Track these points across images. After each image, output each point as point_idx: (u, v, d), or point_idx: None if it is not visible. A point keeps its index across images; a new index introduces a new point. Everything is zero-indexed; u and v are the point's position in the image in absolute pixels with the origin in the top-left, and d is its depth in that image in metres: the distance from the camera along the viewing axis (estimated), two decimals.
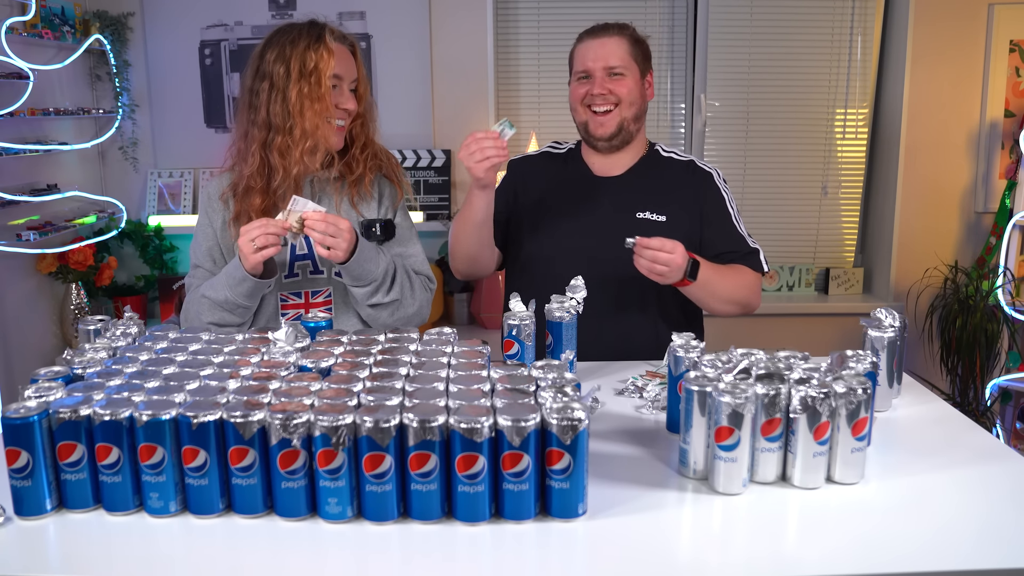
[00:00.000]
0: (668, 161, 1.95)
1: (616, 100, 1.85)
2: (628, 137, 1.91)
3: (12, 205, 2.74)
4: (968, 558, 1.02)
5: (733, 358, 1.28)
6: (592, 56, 1.86)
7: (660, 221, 1.87)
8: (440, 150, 3.33)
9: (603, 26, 1.89)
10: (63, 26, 2.94)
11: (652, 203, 1.88)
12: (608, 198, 1.91)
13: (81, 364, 1.30)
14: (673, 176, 1.92)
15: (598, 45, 1.86)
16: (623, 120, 1.87)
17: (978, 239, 3.42)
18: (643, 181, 1.92)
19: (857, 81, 3.43)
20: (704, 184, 1.92)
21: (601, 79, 1.85)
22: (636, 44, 1.88)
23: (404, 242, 1.81)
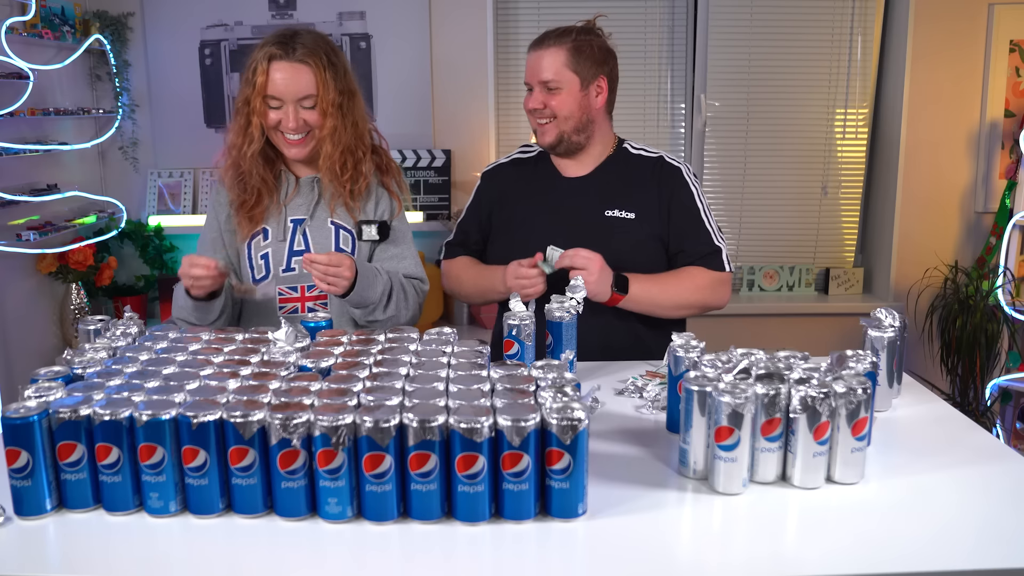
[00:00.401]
0: (637, 158, 1.95)
1: (552, 114, 1.86)
2: (572, 147, 1.91)
3: (12, 205, 2.74)
4: (968, 558, 1.02)
5: (733, 358, 1.28)
6: (530, 69, 1.88)
7: (629, 218, 1.88)
8: (440, 150, 3.33)
9: (543, 36, 1.89)
10: (63, 26, 2.94)
11: (620, 201, 1.89)
12: (577, 198, 1.92)
13: (81, 364, 1.30)
14: (641, 173, 1.92)
15: (536, 58, 1.87)
16: (561, 132, 1.87)
17: (978, 239, 3.42)
18: (610, 179, 1.92)
19: (857, 81, 3.43)
20: (672, 180, 1.91)
21: (537, 93, 1.87)
22: (577, 53, 1.85)
23: (399, 244, 1.86)
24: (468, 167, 3.37)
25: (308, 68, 1.71)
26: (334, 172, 1.78)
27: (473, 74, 3.31)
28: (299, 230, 1.81)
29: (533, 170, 2.00)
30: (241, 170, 1.78)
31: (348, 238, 1.82)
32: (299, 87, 1.71)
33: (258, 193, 1.79)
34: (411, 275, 1.84)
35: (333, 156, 1.76)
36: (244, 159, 1.76)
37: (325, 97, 1.72)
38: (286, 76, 1.70)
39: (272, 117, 1.73)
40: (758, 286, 3.58)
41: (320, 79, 1.72)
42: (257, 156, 1.77)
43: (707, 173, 3.52)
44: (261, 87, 1.70)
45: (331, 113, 1.73)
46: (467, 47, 3.31)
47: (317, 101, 1.72)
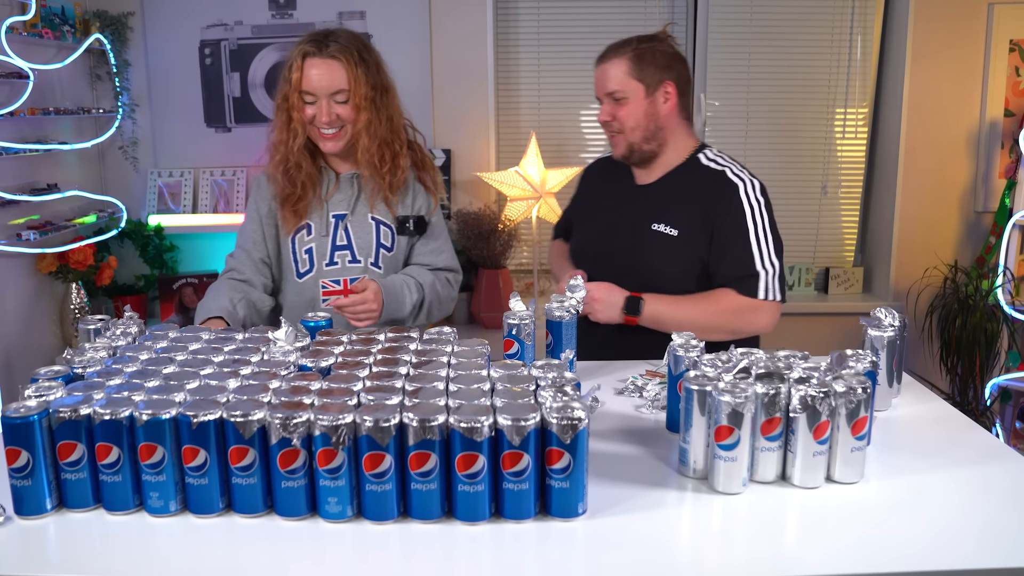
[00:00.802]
0: (703, 171, 1.86)
1: (620, 127, 1.86)
2: (645, 156, 1.89)
3: (12, 205, 2.74)
4: (968, 558, 1.02)
5: (733, 358, 1.28)
6: (596, 83, 1.89)
7: (671, 235, 1.83)
8: (440, 150, 3.33)
9: (606, 49, 1.88)
10: (63, 26, 2.94)
11: (668, 216, 1.84)
12: (634, 207, 1.92)
13: (81, 364, 1.30)
14: (699, 188, 1.84)
15: (600, 71, 1.87)
16: (630, 143, 1.87)
17: (978, 239, 3.42)
18: (669, 192, 1.87)
19: (857, 81, 3.43)
20: (725, 197, 1.81)
21: (605, 105, 1.88)
22: (639, 60, 1.82)
23: (437, 238, 1.97)
24: (468, 167, 3.37)
25: (340, 64, 1.78)
26: (373, 165, 1.85)
27: (473, 74, 3.31)
28: (341, 225, 1.89)
29: (619, 171, 1.99)
30: (289, 164, 1.84)
31: (388, 233, 1.90)
32: (331, 82, 1.78)
33: (303, 187, 1.85)
34: (447, 268, 1.97)
35: (371, 149, 1.84)
36: (292, 153, 1.83)
37: (357, 92, 1.79)
38: (319, 72, 1.78)
39: (308, 112, 1.81)
40: None
41: (352, 74, 1.78)
42: (303, 149, 1.85)
43: None
44: (296, 83, 1.79)
45: (364, 107, 1.80)
46: (467, 47, 3.31)
47: (349, 96, 1.79)
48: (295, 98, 1.80)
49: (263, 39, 3.30)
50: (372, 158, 1.84)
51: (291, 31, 3.28)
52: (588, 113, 3.50)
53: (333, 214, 1.89)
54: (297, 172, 1.85)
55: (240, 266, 1.89)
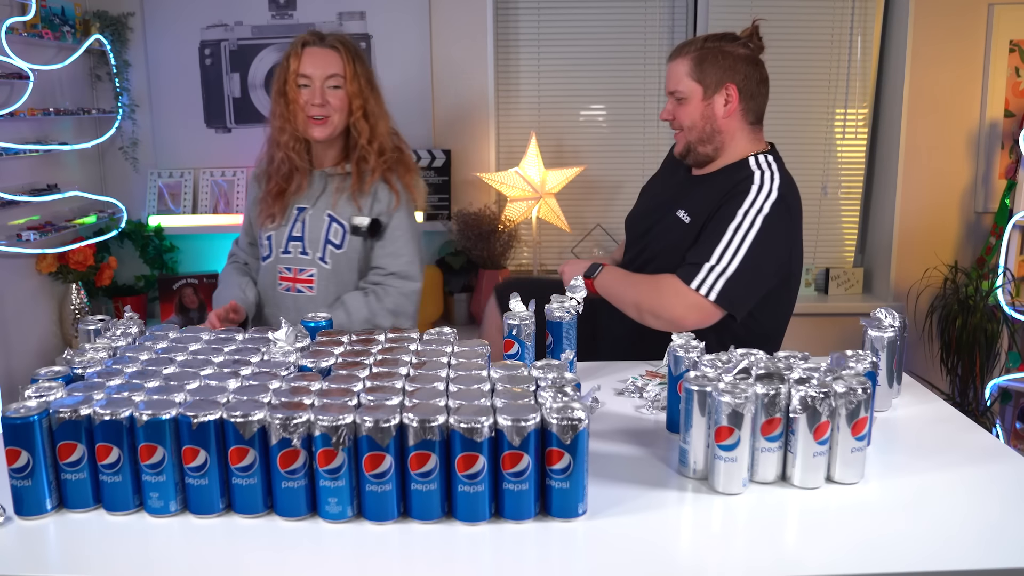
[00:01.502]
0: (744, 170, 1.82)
1: (679, 125, 1.87)
2: (700, 159, 1.87)
3: (12, 205, 2.74)
4: (968, 558, 1.02)
5: (733, 358, 1.28)
6: (667, 79, 1.90)
7: (685, 222, 1.84)
8: (440, 150, 3.33)
9: (678, 45, 1.88)
10: (63, 26, 2.94)
11: (691, 203, 1.85)
12: (678, 193, 1.94)
13: (81, 364, 1.30)
14: (721, 183, 1.82)
15: (668, 69, 1.89)
16: (688, 143, 1.87)
17: (978, 239, 3.42)
18: (706, 185, 1.87)
19: (857, 81, 3.43)
20: (732, 193, 1.78)
21: (669, 103, 1.89)
22: (700, 61, 1.80)
23: (395, 242, 1.99)
24: (468, 167, 3.37)
25: (336, 53, 1.93)
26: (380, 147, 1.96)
27: (473, 74, 3.31)
28: (300, 217, 1.99)
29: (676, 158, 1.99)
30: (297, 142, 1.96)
31: (339, 230, 1.97)
32: (327, 66, 1.91)
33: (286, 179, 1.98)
34: (398, 273, 1.97)
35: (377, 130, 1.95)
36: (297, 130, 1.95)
37: (352, 80, 1.92)
38: (315, 57, 1.92)
39: (303, 97, 1.92)
40: None
41: (347, 64, 1.92)
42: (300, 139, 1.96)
43: None
44: (294, 70, 1.91)
45: (358, 95, 1.93)
46: (467, 47, 3.31)
47: (343, 83, 1.92)
48: (292, 83, 1.91)
49: (263, 39, 3.30)
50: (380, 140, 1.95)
51: (291, 31, 3.28)
52: (588, 113, 3.50)
53: (297, 206, 2.00)
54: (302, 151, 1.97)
55: (238, 251, 2.17)
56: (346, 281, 1.99)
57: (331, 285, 1.98)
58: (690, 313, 1.71)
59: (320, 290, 1.98)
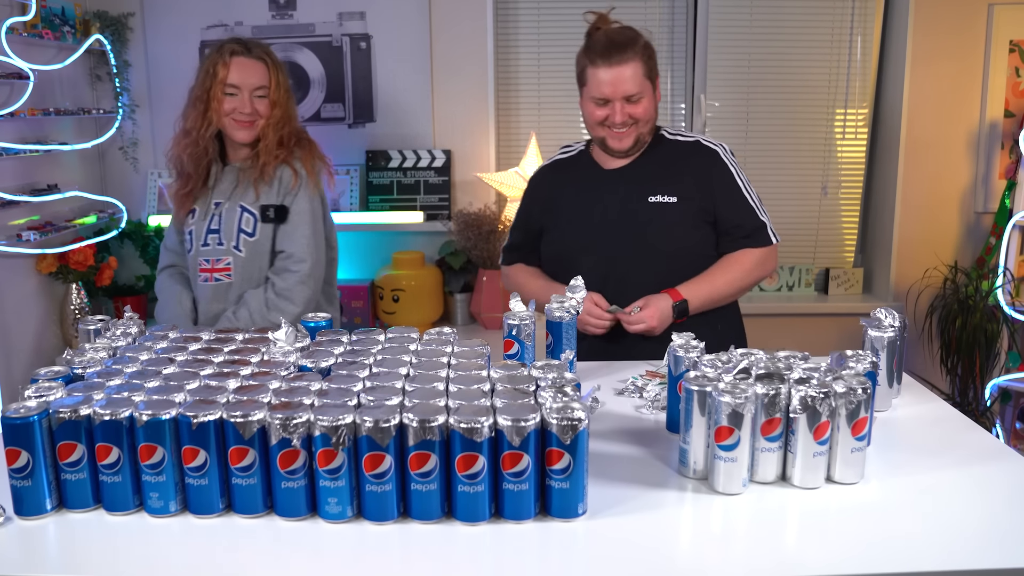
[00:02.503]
0: (673, 143, 1.98)
1: (634, 122, 1.90)
2: (642, 146, 1.96)
3: (12, 205, 2.74)
4: (968, 558, 1.02)
5: (733, 358, 1.28)
6: (609, 84, 1.86)
7: (671, 202, 1.90)
8: (440, 150, 3.33)
9: (617, 47, 1.86)
10: (63, 26, 2.94)
11: (661, 186, 1.92)
12: (620, 188, 1.95)
13: (81, 364, 1.30)
14: (680, 156, 1.96)
15: (616, 73, 1.85)
16: (639, 135, 1.92)
17: (978, 239, 3.42)
18: (651, 166, 1.95)
19: (857, 81, 3.43)
20: (711, 161, 1.94)
21: (621, 107, 1.88)
22: (648, 59, 1.90)
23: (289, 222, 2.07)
24: (468, 167, 3.37)
25: (263, 65, 2.05)
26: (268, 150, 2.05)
27: (473, 74, 3.31)
28: (217, 210, 2.09)
29: (575, 167, 2.05)
30: (198, 149, 2.06)
31: (251, 219, 2.06)
32: (256, 78, 2.03)
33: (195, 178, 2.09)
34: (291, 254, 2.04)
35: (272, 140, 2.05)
36: (203, 139, 2.05)
37: (276, 91, 2.05)
38: (245, 69, 2.03)
39: (228, 105, 2.02)
40: (758, 286, 3.58)
41: (272, 75, 2.05)
42: (212, 139, 2.06)
43: None
44: (223, 78, 2.01)
45: (279, 104, 2.05)
46: (467, 47, 3.31)
47: (268, 93, 2.04)
48: (217, 90, 2.01)
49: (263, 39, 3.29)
50: (270, 146, 2.04)
51: (291, 31, 3.28)
52: None
53: (215, 201, 2.10)
54: (203, 156, 2.07)
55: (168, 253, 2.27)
56: (261, 266, 2.08)
57: (246, 271, 2.07)
58: (773, 262, 2.00)
59: (236, 276, 2.07)
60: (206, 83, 2.03)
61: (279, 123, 2.06)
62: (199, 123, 2.05)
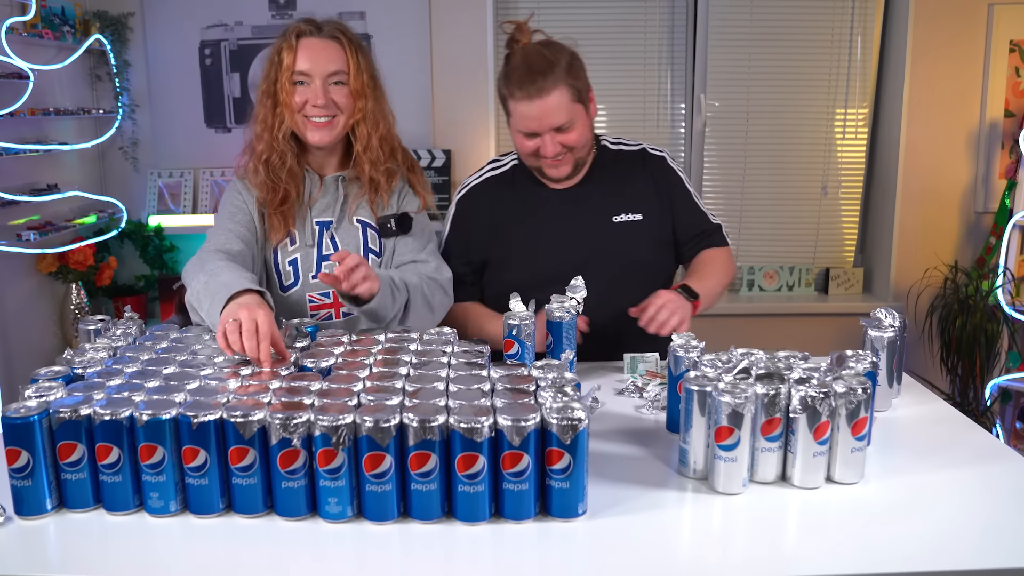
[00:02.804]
0: (619, 154, 1.88)
1: (570, 149, 1.74)
2: (582, 167, 1.82)
3: (12, 205, 2.74)
4: (968, 558, 1.02)
5: (733, 358, 1.28)
6: (535, 119, 1.69)
7: (637, 220, 1.83)
8: (440, 150, 3.33)
9: (536, 75, 1.67)
10: (63, 26, 2.94)
11: (624, 203, 1.83)
12: (578, 209, 1.83)
13: (81, 364, 1.30)
14: (632, 170, 1.86)
15: (539, 106, 1.67)
16: (577, 160, 1.78)
17: (978, 239, 3.42)
18: (605, 183, 1.84)
19: (857, 81, 3.43)
20: (661, 170, 1.88)
21: (551, 138, 1.71)
22: (575, 80, 1.70)
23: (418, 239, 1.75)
24: (468, 167, 3.36)
25: (338, 44, 1.65)
26: (375, 159, 1.69)
27: (473, 74, 3.31)
28: (326, 234, 1.71)
29: (514, 187, 1.87)
30: (272, 156, 1.67)
31: (376, 236, 1.73)
32: (328, 61, 1.64)
33: (286, 186, 1.68)
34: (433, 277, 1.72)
35: (372, 141, 1.68)
36: (277, 142, 1.66)
37: (357, 76, 1.66)
38: (314, 50, 1.64)
39: (299, 97, 1.64)
40: (758, 286, 3.58)
41: (351, 57, 1.65)
42: (289, 140, 1.68)
43: (707, 173, 3.52)
44: (289, 64, 1.63)
45: (366, 94, 1.67)
46: (467, 47, 3.31)
47: (348, 79, 1.65)
48: (285, 80, 1.63)
49: (263, 39, 3.30)
50: (375, 151, 1.68)
51: None
52: None
53: (317, 221, 1.71)
54: (280, 166, 1.67)
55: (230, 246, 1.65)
56: None
57: None
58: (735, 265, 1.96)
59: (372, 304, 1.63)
60: (271, 73, 1.66)
61: (371, 120, 1.68)
62: (270, 122, 1.66)
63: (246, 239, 1.66)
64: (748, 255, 3.60)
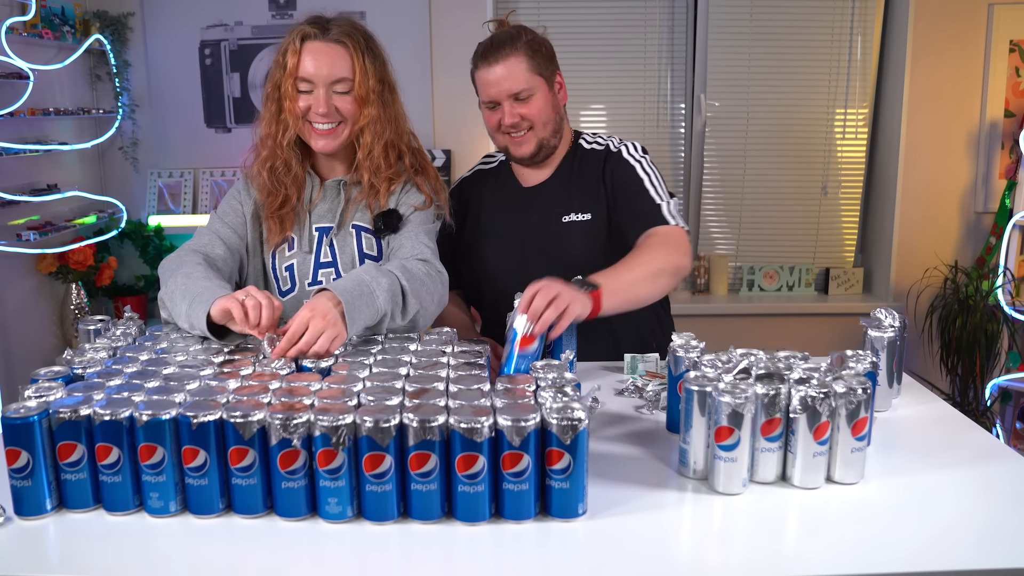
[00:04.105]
0: (589, 154, 1.87)
1: (529, 124, 1.77)
2: (550, 151, 1.84)
3: (12, 205, 2.74)
4: (968, 558, 1.02)
5: (733, 358, 1.28)
6: (492, 85, 1.76)
7: (585, 220, 1.81)
8: (440, 150, 3.33)
9: (491, 47, 1.76)
10: (63, 26, 2.94)
11: (575, 204, 1.82)
12: (536, 209, 1.85)
13: (81, 364, 1.30)
14: (592, 169, 1.85)
15: (497, 72, 1.75)
16: (540, 140, 1.80)
17: (978, 239, 3.42)
18: (567, 183, 1.85)
19: (857, 81, 3.43)
20: (613, 163, 1.82)
21: (509, 107, 1.76)
22: (535, 54, 1.77)
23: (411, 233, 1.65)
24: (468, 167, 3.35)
25: (343, 49, 1.60)
26: (375, 168, 1.65)
27: None
28: (325, 240, 1.68)
29: (496, 182, 1.93)
30: (276, 162, 1.64)
31: (372, 241, 1.68)
32: (332, 68, 1.59)
33: (286, 193, 1.66)
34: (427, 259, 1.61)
35: (375, 151, 1.64)
36: (281, 148, 1.63)
37: (363, 83, 1.60)
38: (319, 56, 1.58)
39: (302, 103, 1.60)
40: (758, 286, 3.58)
41: (357, 63, 1.60)
42: (293, 146, 1.65)
43: (707, 173, 3.52)
44: (292, 69, 1.58)
45: (371, 101, 1.61)
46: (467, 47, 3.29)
47: (352, 87, 1.60)
48: (289, 86, 1.59)
49: (263, 39, 3.30)
50: (376, 161, 1.64)
51: None
52: (588, 113, 3.50)
53: (317, 227, 1.67)
54: (284, 172, 1.65)
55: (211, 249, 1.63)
56: None
57: None
58: (688, 245, 1.75)
59: None
60: (276, 76, 1.61)
61: (378, 127, 1.63)
62: (273, 128, 1.63)
63: (231, 242, 1.66)
64: (748, 255, 3.60)
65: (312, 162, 1.72)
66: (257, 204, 1.69)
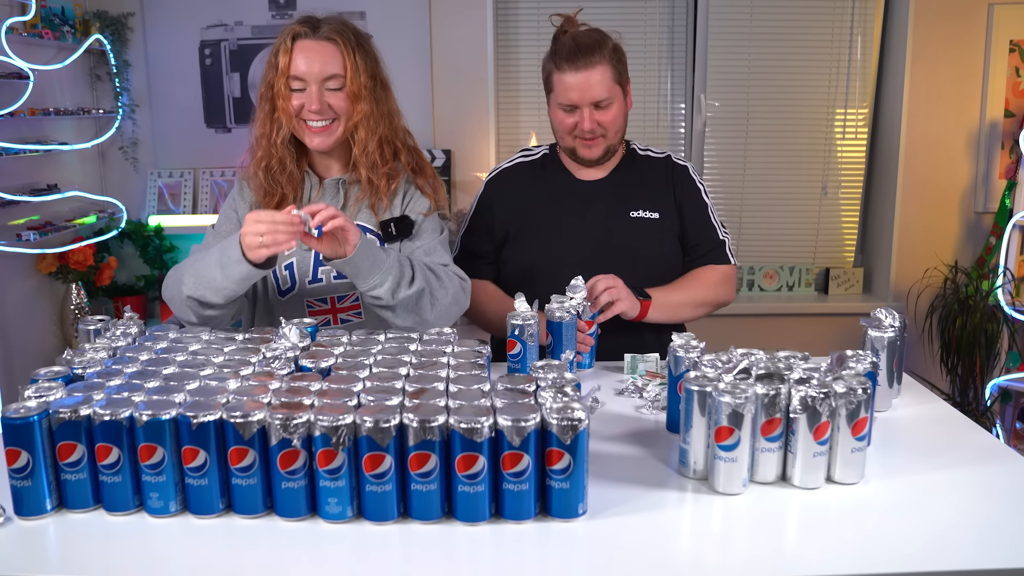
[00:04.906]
0: (646, 159, 1.96)
1: (603, 131, 1.83)
2: (612, 154, 1.91)
3: (12, 205, 2.74)
4: (968, 558, 1.02)
5: (733, 358, 1.28)
6: (577, 89, 1.78)
7: (653, 218, 1.89)
8: (440, 150, 3.33)
9: (584, 50, 1.77)
10: (63, 26, 2.94)
11: (643, 202, 1.90)
12: (599, 201, 1.91)
13: (81, 364, 1.30)
14: (655, 173, 1.94)
15: (583, 78, 1.77)
16: (609, 145, 1.86)
17: (978, 239, 3.42)
18: (628, 181, 1.93)
19: (857, 81, 3.43)
20: (681, 178, 1.94)
21: (589, 114, 1.80)
22: (617, 63, 1.81)
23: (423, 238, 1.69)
24: (468, 167, 3.37)
25: (334, 46, 1.61)
26: (371, 165, 1.66)
27: (473, 74, 3.31)
28: None
29: (542, 173, 1.96)
30: (272, 161, 1.65)
31: (377, 241, 1.67)
32: (323, 66, 1.60)
33: (283, 193, 1.67)
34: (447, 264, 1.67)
35: (369, 146, 1.65)
36: (275, 147, 1.65)
37: (355, 79, 1.61)
38: (310, 54, 1.60)
39: (295, 101, 1.61)
40: (758, 286, 3.58)
41: (348, 60, 1.61)
42: (288, 145, 1.66)
43: (707, 173, 3.52)
44: (284, 68, 1.60)
45: (364, 97, 1.62)
46: (467, 47, 3.31)
47: (345, 83, 1.61)
48: (281, 85, 1.60)
49: (263, 39, 3.30)
50: (371, 156, 1.65)
51: None
52: None
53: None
54: (280, 171, 1.66)
55: None
56: None
57: None
58: (734, 286, 1.97)
59: (370, 313, 1.68)
60: (268, 76, 1.63)
61: (371, 122, 1.64)
62: (268, 127, 1.65)
63: None
64: (748, 255, 3.60)
65: (309, 161, 1.73)
66: (253, 205, 1.70)
